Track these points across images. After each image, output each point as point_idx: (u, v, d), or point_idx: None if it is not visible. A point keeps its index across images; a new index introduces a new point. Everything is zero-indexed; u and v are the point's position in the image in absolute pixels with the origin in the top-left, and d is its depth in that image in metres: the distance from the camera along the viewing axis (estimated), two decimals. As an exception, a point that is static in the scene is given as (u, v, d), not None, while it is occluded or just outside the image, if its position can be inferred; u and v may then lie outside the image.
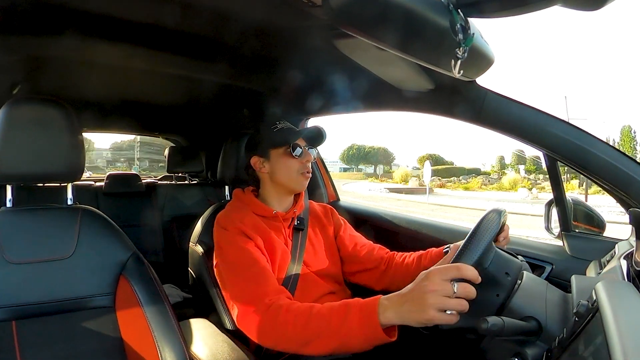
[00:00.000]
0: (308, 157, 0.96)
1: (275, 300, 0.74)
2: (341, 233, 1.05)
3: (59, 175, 0.78)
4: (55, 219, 0.78)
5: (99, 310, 0.76)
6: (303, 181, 0.96)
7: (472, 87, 0.88)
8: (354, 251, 1.03)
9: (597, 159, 0.78)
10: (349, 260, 1.03)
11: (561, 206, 0.93)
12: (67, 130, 0.77)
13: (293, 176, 0.95)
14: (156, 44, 0.98)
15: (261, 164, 0.96)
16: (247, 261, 0.83)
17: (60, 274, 0.74)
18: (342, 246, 1.04)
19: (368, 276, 1.01)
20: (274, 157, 0.95)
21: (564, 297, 0.60)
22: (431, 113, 1.06)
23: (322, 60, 1.02)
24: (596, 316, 0.42)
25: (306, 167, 0.96)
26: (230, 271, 0.84)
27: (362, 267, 1.01)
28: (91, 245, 0.78)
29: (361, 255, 1.02)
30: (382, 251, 1.03)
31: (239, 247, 0.85)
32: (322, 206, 1.10)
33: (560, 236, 0.95)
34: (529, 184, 25.83)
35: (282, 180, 0.95)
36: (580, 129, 0.81)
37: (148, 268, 0.80)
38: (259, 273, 0.81)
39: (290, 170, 0.94)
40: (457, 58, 0.62)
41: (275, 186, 0.97)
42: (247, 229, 0.88)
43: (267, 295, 0.76)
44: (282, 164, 0.94)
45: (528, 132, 0.85)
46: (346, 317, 0.63)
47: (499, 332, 0.52)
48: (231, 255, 0.85)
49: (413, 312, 0.57)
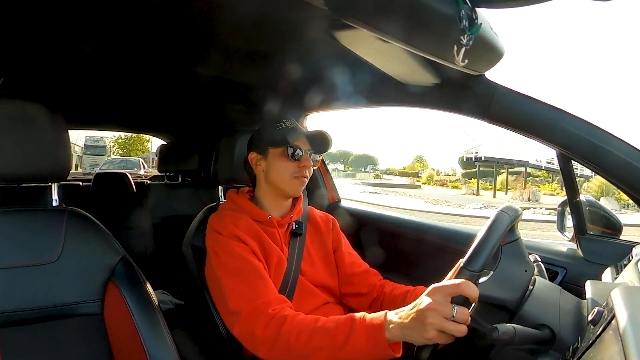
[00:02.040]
0: (306, 162, 0.93)
1: (279, 310, 0.75)
2: (342, 249, 1.04)
3: (43, 175, 0.78)
4: (39, 221, 0.78)
5: (87, 317, 0.75)
6: (297, 186, 0.94)
7: (481, 82, 0.87)
8: (350, 271, 1.02)
9: (614, 158, 0.78)
10: (345, 280, 1.02)
11: (575, 207, 0.93)
12: (52, 127, 0.76)
13: (287, 179, 0.93)
14: (146, 35, 0.98)
15: (258, 161, 0.96)
16: (247, 268, 0.83)
17: (45, 280, 0.74)
18: (340, 263, 1.03)
19: (359, 301, 1.00)
20: (272, 155, 0.95)
21: (578, 303, 0.60)
22: (437, 109, 1.06)
23: (321, 52, 1.02)
24: (612, 324, 0.42)
25: (302, 172, 0.93)
26: (228, 278, 0.83)
27: (355, 290, 1.00)
28: (78, 249, 0.77)
29: (357, 278, 1.01)
30: (376, 278, 1.02)
31: (236, 252, 0.85)
32: (324, 215, 1.09)
33: (574, 239, 0.95)
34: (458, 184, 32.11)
35: (276, 181, 0.95)
36: (595, 126, 0.81)
37: (138, 273, 0.80)
38: (259, 281, 0.81)
39: (284, 172, 0.93)
40: (461, 45, 0.61)
41: (269, 187, 0.96)
42: (242, 234, 0.88)
43: (271, 304, 0.76)
44: (278, 164, 0.94)
45: (540, 129, 0.85)
46: (352, 332, 0.65)
47: (510, 341, 0.51)
48: (229, 261, 0.85)
49: (414, 330, 0.58)
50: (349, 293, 1.01)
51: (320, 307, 0.94)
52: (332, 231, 1.06)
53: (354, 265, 1.03)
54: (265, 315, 0.74)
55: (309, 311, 0.92)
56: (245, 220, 0.92)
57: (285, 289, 0.90)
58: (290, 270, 0.92)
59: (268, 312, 0.74)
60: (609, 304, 0.45)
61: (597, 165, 0.81)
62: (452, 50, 0.63)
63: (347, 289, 1.01)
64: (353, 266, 1.03)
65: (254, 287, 0.80)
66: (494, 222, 0.63)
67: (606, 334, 0.43)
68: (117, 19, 0.88)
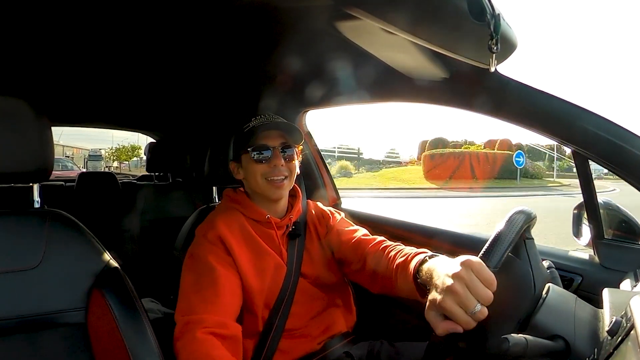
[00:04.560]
0: (276, 160, 0.90)
1: (204, 332, 0.76)
2: (331, 235, 1.00)
3: (24, 175, 0.78)
4: (19, 224, 0.78)
5: (70, 327, 0.75)
6: (274, 189, 0.91)
7: (493, 76, 0.87)
8: (342, 252, 0.96)
9: (636, 158, 0.78)
10: (342, 262, 0.98)
11: (592, 210, 0.93)
12: (34, 124, 0.76)
13: (261, 183, 0.91)
14: (132, 26, 0.98)
15: (237, 170, 0.96)
16: (209, 278, 0.83)
17: (26, 287, 0.74)
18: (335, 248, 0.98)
19: (358, 277, 0.95)
20: (244, 161, 0.94)
21: (595, 313, 0.60)
22: (446, 105, 1.06)
23: (323, 45, 1.02)
24: (631, 335, 0.42)
25: (273, 172, 0.90)
26: (187, 281, 0.85)
27: (350, 268, 0.95)
28: (61, 254, 0.77)
29: (348, 254, 0.95)
30: (367, 245, 0.92)
31: (208, 261, 0.85)
32: (319, 210, 1.09)
33: (590, 244, 0.95)
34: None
35: (254, 187, 0.94)
36: (615, 124, 0.81)
37: (125, 280, 0.80)
38: (214, 297, 0.81)
39: (256, 176, 0.91)
40: (492, 52, 0.61)
41: (254, 193, 0.96)
42: (231, 240, 0.88)
43: (203, 322, 0.77)
44: (250, 169, 0.92)
45: (555, 127, 0.85)
46: None
47: (522, 353, 0.51)
48: (197, 266, 0.86)
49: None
50: (350, 271, 0.97)
51: (325, 311, 0.94)
52: (327, 224, 1.03)
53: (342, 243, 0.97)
54: (188, 330, 0.77)
55: (311, 316, 0.93)
56: (239, 221, 0.92)
57: (285, 293, 0.90)
58: (290, 274, 0.92)
59: (192, 330, 0.76)
60: (628, 314, 0.45)
61: (617, 165, 0.81)
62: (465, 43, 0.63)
63: (346, 268, 0.98)
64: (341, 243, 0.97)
65: (202, 300, 0.81)
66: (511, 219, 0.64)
67: (625, 345, 0.43)
68: (101, 7, 0.88)
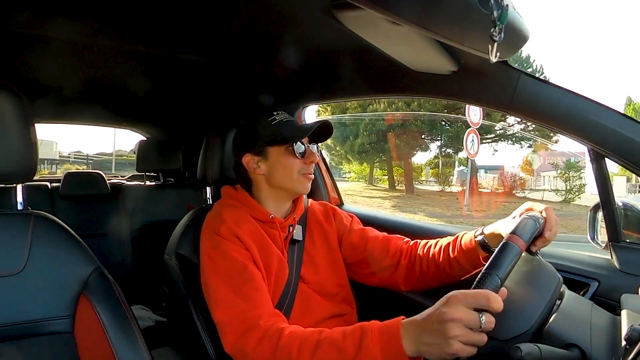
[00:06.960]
0: (312, 157, 0.96)
1: (272, 322, 0.75)
2: (347, 236, 1.05)
3: (6, 175, 0.78)
4: (1, 227, 0.78)
5: (55, 336, 0.75)
6: (306, 183, 0.96)
7: (503, 69, 0.87)
8: (367, 251, 1.02)
9: None
10: (364, 262, 1.02)
11: (609, 211, 0.92)
12: (17, 120, 0.76)
13: (295, 178, 0.95)
14: (126, 16, 0.98)
15: (255, 164, 0.96)
16: (242, 276, 0.83)
17: (8, 293, 0.74)
18: (352, 250, 1.03)
19: (389, 275, 1.00)
20: (273, 155, 0.95)
21: (612, 320, 0.60)
22: (453, 99, 1.06)
23: (323, 37, 1.02)
24: None
25: (309, 168, 0.96)
26: (219, 286, 0.83)
27: (378, 266, 1.01)
28: (46, 259, 0.77)
29: (376, 252, 1.01)
30: (400, 241, 1.02)
31: (232, 257, 0.85)
32: (322, 206, 1.10)
33: (607, 247, 0.95)
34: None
35: (282, 182, 0.95)
36: (633, 119, 0.81)
37: (114, 286, 0.80)
38: (254, 292, 0.81)
39: (291, 171, 0.94)
40: (494, 41, 0.61)
41: (272, 189, 0.97)
42: (244, 235, 0.88)
43: (262, 317, 0.76)
44: (284, 163, 0.94)
45: (569, 123, 0.85)
46: (363, 341, 0.65)
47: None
48: (223, 266, 0.85)
49: (433, 345, 0.58)
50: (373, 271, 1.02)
51: (328, 320, 0.95)
52: (334, 221, 1.07)
53: (368, 242, 1.03)
54: (256, 329, 0.74)
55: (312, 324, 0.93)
56: (246, 219, 0.93)
57: (285, 298, 0.90)
58: (291, 276, 0.93)
59: (259, 326, 0.74)
60: None
61: (636, 164, 0.80)
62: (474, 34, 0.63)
63: (369, 268, 1.02)
64: (367, 243, 1.03)
65: (247, 298, 0.80)
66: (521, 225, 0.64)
67: None
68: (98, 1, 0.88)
